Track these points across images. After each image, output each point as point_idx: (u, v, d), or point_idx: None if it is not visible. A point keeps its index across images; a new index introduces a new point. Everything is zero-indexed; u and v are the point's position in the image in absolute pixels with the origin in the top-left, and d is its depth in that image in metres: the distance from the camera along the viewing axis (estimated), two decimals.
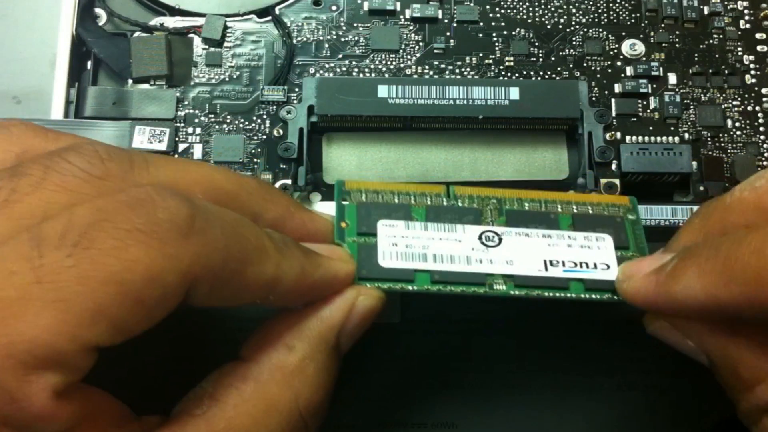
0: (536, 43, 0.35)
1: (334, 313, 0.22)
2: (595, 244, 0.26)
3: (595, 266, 0.26)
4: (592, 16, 0.35)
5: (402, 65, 0.34)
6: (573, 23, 0.35)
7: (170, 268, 0.17)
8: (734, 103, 0.34)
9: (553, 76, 0.34)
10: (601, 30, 0.35)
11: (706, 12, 0.35)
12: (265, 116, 0.33)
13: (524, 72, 0.34)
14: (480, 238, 0.26)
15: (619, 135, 0.33)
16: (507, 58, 0.34)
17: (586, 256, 0.26)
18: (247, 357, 0.21)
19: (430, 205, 0.27)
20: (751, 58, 0.34)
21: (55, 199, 0.18)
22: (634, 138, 0.33)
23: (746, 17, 0.35)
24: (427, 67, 0.34)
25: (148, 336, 0.18)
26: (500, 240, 0.26)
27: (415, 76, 0.34)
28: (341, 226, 0.26)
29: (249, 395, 0.20)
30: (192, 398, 0.20)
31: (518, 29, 0.35)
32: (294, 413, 0.21)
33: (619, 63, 0.34)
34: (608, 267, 0.26)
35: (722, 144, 0.33)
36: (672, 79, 0.34)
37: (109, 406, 0.19)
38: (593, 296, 0.25)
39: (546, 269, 0.25)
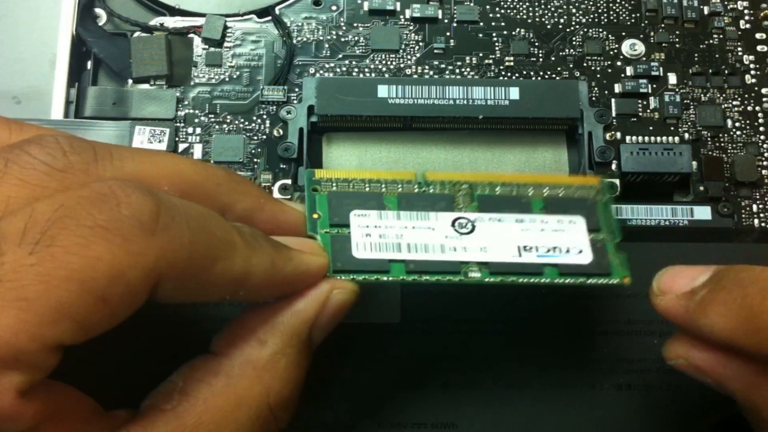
0: (536, 43, 0.35)
1: (308, 307, 0.22)
2: (567, 228, 0.27)
3: (568, 251, 0.26)
4: (592, 16, 0.35)
5: (402, 65, 0.34)
6: (573, 23, 0.35)
7: (134, 265, 0.17)
8: (734, 103, 0.34)
9: (553, 76, 0.34)
10: (601, 30, 0.35)
11: (706, 12, 0.35)
12: (265, 116, 0.33)
13: (524, 72, 0.34)
14: (453, 225, 0.26)
15: (619, 135, 0.33)
16: (507, 58, 0.34)
17: (559, 241, 0.26)
18: (219, 351, 0.21)
19: (402, 192, 0.27)
20: (751, 58, 0.34)
21: (16, 193, 0.18)
22: (634, 138, 0.33)
23: (746, 17, 0.35)
24: (427, 67, 0.34)
25: (115, 331, 0.18)
26: (473, 227, 0.26)
27: (415, 76, 0.34)
28: (313, 218, 0.25)
29: (219, 390, 0.20)
30: (162, 392, 0.20)
31: (518, 29, 0.35)
32: (264, 408, 0.21)
33: (619, 63, 0.34)
34: (581, 251, 0.26)
35: (722, 144, 0.33)
36: (672, 79, 0.34)
37: (76, 401, 0.19)
38: (567, 281, 0.26)
39: (520, 255, 0.26)
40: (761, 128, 0.33)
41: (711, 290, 0.22)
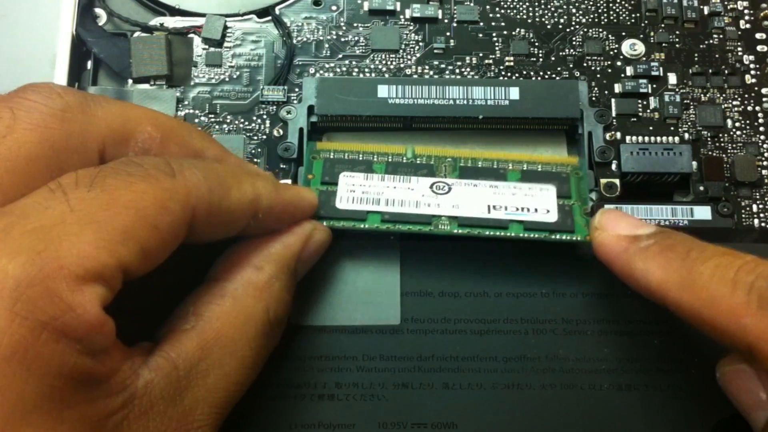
0: (536, 43, 0.35)
1: (295, 241, 0.26)
2: (539, 194, 0.29)
3: (536, 210, 0.28)
4: (592, 16, 0.35)
5: (402, 65, 0.34)
6: (573, 23, 0.35)
7: (171, 198, 0.20)
8: (734, 103, 0.34)
9: (553, 76, 0.34)
10: (601, 30, 0.35)
11: (706, 12, 0.35)
12: (265, 116, 0.33)
13: (524, 72, 0.34)
14: (431, 187, 0.29)
15: (619, 135, 0.33)
16: (507, 58, 0.34)
17: (529, 203, 0.29)
18: (220, 277, 0.24)
19: (390, 161, 0.30)
20: (751, 58, 0.34)
21: (30, 138, 0.20)
22: (634, 138, 0.33)
23: (746, 17, 0.35)
24: (427, 67, 0.34)
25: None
26: (449, 189, 0.29)
27: (415, 76, 0.34)
28: (308, 178, 0.30)
29: (228, 309, 0.23)
30: (177, 317, 0.22)
31: (518, 29, 0.35)
32: (266, 323, 0.24)
33: (619, 63, 0.34)
34: (548, 211, 0.28)
35: (722, 144, 0.33)
36: (672, 79, 0.34)
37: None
38: (532, 236, 0.28)
39: (489, 212, 0.28)
40: (761, 128, 0.33)
41: (657, 243, 0.25)
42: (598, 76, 0.34)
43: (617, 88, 0.34)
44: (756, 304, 0.21)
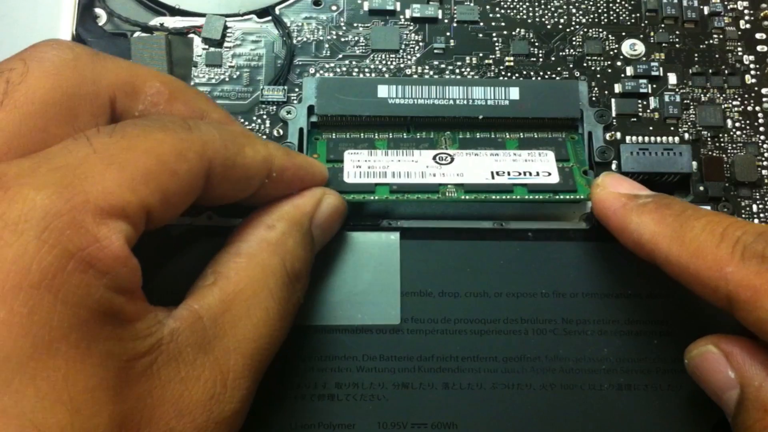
0: (536, 43, 0.35)
1: (306, 201, 0.26)
2: (538, 159, 0.30)
3: (538, 174, 0.30)
4: (592, 16, 0.35)
5: (402, 65, 0.34)
6: (573, 23, 0.35)
7: (188, 147, 0.21)
8: (734, 103, 0.34)
9: (553, 76, 0.34)
10: (601, 30, 0.35)
11: (706, 12, 0.35)
12: (265, 116, 0.33)
13: (524, 72, 0.34)
14: (434, 158, 0.30)
15: (619, 135, 0.33)
16: (507, 58, 0.34)
17: (530, 167, 0.30)
18: (234, 239, 0.25)
19: (392, 138, 0.32)
20: (751, 58, 0.34)
21: (42, 84, 0.21)
22: (634, 138, 0.33)
23: (746, 17, 0.35)
24: (427, 67, 0.34)
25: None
26: (452, 159, 0.30)
27: (415, 77, 0.34)
28: (313, 157, 0.30)
29: (246, 264, 0.24)
30: (198, 278, 0.23)
31: (518, 29, 0.35)
32: (284, 275, 0.24)
33: (619, 63, 0.34)
34: (549, 174, 0.30)
35: (722, 144, 0.33)
36: (672, 79, 0.34)
37: None
38: (536, 197, 0.29)
39: (493, 178, 0.29)
40: (761, 128, 0.33)
41: (654, 201, 0.26)
42: (598, 76, 0.34)
43: (617, 88, 0.34)
44: (739, 255, 0.22)
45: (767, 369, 0.23)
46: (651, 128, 0.33)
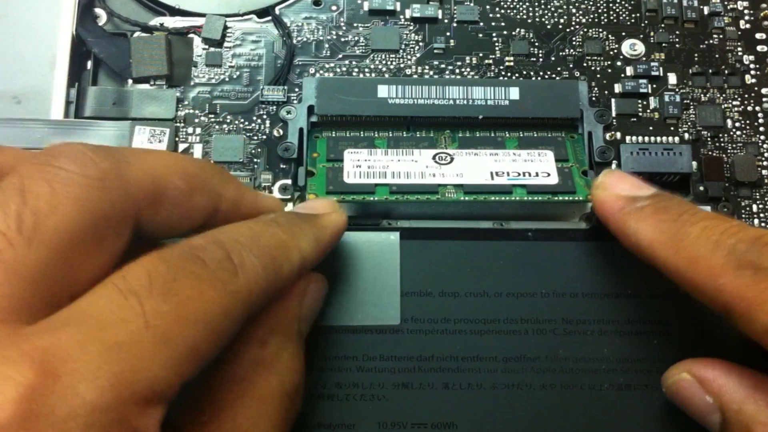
0: (536, 43, 0.35)
1: (293, 304, 0.24)
2: (537, 159, 0.30)
3: (537, 174, 0.30)
4: (592, 16, 0.35)
5: (402, 65, 0.34)
6: (573, 23, 0.35)
7: (236, 301, 0.20)
8: (734, 103, 0.34)
9: (553, 76, 0.34)
10: (601, 30, 0.35)
11: (706, 12, 0.35)
12: (265, 116, 0.33)
13: (524, 72, 0.34)
14: (434, 158, 0.30)
15: (619, 135, 0.33)
16: (507, 58, 0.34)
17: (529, 167, 0.30)
18: (227, 357, 0.23)
19: (391, 136, 0.32)
20: (751, 58, 0.34)
21: (71, 210, 0.19)
22: (634, 138, 0.33)
23: (746, 17, 0.35)
24: (427, 67, 0.34)
25: None
26: (452, 159, 0.30)
27: (415, 76, 0.34)
28: (312, 157, 0.31)
29: (242, 391, 0.22)
30: (191, 407, 0.21)
31: (518, 29, 0.35)
32: (283, 396, 0.23)
33: (619, 63, 0.34)
34: (548, 174, 0.30)
35: (722, 144, 0.33)
36: (672, 79, 0.34)
37: None
38: (535, 198, 0.29)
39: (492, 179, 0.30)
40: (761, 128, 0.33)
41: (652, 204, 0.26)
42: (598, 76, 0.34)
43: (617, 88, 0.34)
44: (733, 265, 0.22)
45: (744, 390, 0.23)
46: (651, 128, 0.33)
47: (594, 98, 0.33)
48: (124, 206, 0.21)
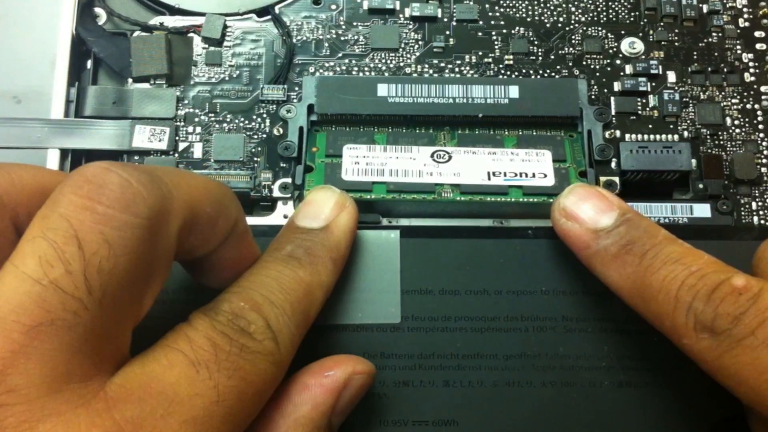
0: (535, 42, 0.35)
1: (326, 399, 0.24)
2: (535, 159, 0.31)
3: (534, 175, 0.30)
4: (591, 14, 0.35)
5: (401, 64, 0.34)
6: (572, 22, 0.35)
7: (277, 371, 0.21)
8: (733, 101, 0.34)
9: (553, 74, 0.34)
10: (600, 28, 0.35)
11: (705, 10, 0.35)
12: (265, 115, 0.33)
13: (524, 70, 0.34)
14: (432, 156, 0.31)
15: (618, 133, 0.33)
16: (506, 57, 0.34)
17: (526, 168, 0.30)
18: None
19: (391, 132, 0.32)
20: (750, 56, 0.34)
21: (125, 267, 0.18)
22: (633, 136, 0.33)
23: (745, 15, 0.35)
24: (426, 65, 0.34)
25: None
26: (450, 157, 0.30)
27: (415, 75, 0.34)
28: (312, 151, 0.31)
29: None
30: None
31: (517, 28, 0.35)
32: None
33: (618, 61, 0.34)
34: (545, 176, 0.30)
35: (721, 142, 0.33)
36: (671, 77, 0.34)
37: None
38: (531, 200, 0.30)
39: (489, 179, 0.30)
40: (760, 126, 0.33)
41: (615, 243, 0.25)
42: (598, 74, 0.34)
43: (616, 86, 0.34)
44: (692, 326, 0.22)
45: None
46: (650, 126, 0.33)
47: (593, 96, 0.33)
48: (170, 245, 0.20)
